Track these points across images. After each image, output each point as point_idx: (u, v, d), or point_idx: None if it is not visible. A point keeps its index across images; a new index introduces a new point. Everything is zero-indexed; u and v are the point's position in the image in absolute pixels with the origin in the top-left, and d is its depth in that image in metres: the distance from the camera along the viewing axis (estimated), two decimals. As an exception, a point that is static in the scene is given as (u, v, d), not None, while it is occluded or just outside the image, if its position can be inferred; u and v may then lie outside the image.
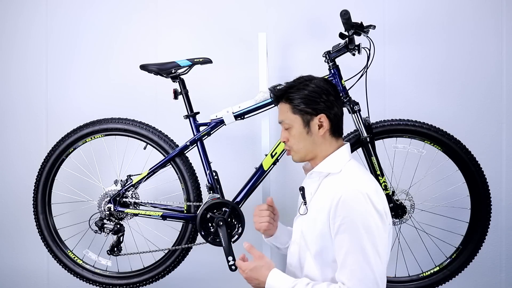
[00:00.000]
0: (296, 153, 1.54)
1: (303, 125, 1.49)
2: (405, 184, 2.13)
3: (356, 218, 1.34)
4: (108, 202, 2.10)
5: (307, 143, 1.50)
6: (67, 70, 2.59)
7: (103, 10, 2.58)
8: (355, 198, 1.36)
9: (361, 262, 1.32)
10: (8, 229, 2.62)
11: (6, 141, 2.62)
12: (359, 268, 1.32)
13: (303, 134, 1.50)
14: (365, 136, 1.97)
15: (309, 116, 1.48)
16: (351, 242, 1.34)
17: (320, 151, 1.51)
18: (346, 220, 1.35)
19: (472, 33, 2.44)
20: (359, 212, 1.35)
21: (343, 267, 1.35)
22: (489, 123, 2.43)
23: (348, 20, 1.90)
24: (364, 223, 1.34)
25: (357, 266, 1.32)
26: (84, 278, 2.21)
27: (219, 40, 2.52)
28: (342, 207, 1.36)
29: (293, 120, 1.51)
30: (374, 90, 2.22)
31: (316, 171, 1.51)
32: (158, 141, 2.14)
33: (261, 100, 2.05)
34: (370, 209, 1.36)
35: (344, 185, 1.40)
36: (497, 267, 2.45)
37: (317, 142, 1.50)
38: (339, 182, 1.44)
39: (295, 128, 1.51)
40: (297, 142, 1.51)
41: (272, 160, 2.02)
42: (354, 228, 1.34)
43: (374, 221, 1.35)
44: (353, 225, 1.34)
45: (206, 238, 2.03)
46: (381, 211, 1.38)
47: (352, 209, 1.35)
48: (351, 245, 1.34)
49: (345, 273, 1.34)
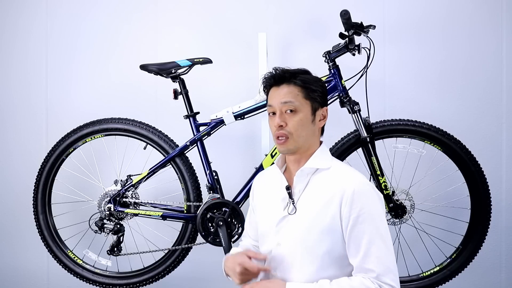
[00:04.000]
0: (295, 141, 1.44)
1: (311, 112, 1.46)
2: (405, 184, 2.13)
3: (373, 208, 1.38)
4: (108, 202, 2.10)
5: (309, 132, 1.46)
6: (67, 70, 2.60)
7: (103, 10, 2.58)
8: (368, 190, 1.40)
9: (384, 249, 1.36)
10: (8, 229, 2.62)
11: (6, 141, 2.62)
12: (384, 255, 1.36)
13: (309, 122, 1.45)
14: (365, 136, 1.97)
15: (317, 105, 1.47)
16: (371, 231, 1.37)
17: (313, 143, 1.48)
18: (364, 211, 1.37)
19: (472, 33, 2.44)
20: (373, 202, 1.39)
21: (368, 255, 1.36)
22: (489, 123, 2.43)
23: (348, 20, 1.90)
24: (379, 212, 1.39)
25: (382, 253, 1.36)
26: (84, 278, 2.21)
27: (219, 40, 2.52)
28: (358, 199, 1.37)
29: (303, 104, 1.45)
30: (374, 90, 2.22)
31: (307, 167, 1.46)
32: (158, 141, 2.14)
33: (261, 100, 2.05)
34: (377, 199, 1.41)
35: (351, 179, 1.42)
36: (497, 267, 2.45)
37: (315, 133, 1.49)
38: (339, 176, 1.43)
39: (302, 113, 1.44)
40: (300, 128, 1.44)
41: (272, 160, 2.02)
42: (373, 218, 1.37)
43: (383, 209, 1.43)
44: (371, 215, 1.37)
45: (206, 238, 2.03)
46: (383, 200, 1.46)
47: (369, 200, 1.38)
48: (372, 234, 1.37)
49: (371, 260, 1.36)
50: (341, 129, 2.09)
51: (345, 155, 2.04)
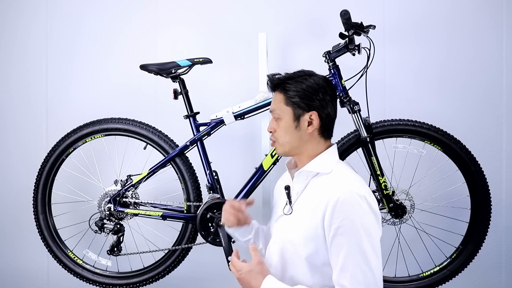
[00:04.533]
0: (281, 146, 1.49)
1: (293, 118, 1.45)
2: (405, 184, 2.12)
3: (355, 219, 1.32)
4: (108, 202, 2.10)
5: (294, 138, 1.46)
6: (67, 70, 2.60)
7: (103, 10, 2.58)
8: (353, 200, 1.34)
9: (362, 265, 1.31)
10: (8, 229, 2.62)
11: (6, 141, 2.62)
12: (360, 271, 1.30)
13: (291, 128, 1.46)
14: (365, 136, 1.97)
15: (300, 111, 1.45)
16: (350, 244, 1.32)
17: (306, 149, 1.47)
18: (345, 222, 1.32)
19: (472, 33, 2.44)
20: (358, 214, 1.33)
21: (344, 270, 1.32)
22: (489, 123, 2.43)
23: (348, 20, 1.90)
24: (363, 224, 1.32)
25: (358, 269, 1.30)
26: (84, 278, 2.21)
27: (219, 40, 2.52)
28: (340, 209, 1.33)
29: (284, 111, 1.46)
30: (374, 90, 2.22)
31: (305, 170, 1.46)
32: (158, 141, 2.14)
33: (261, 100, 2.05)
34: (368, 210, 1.34)
35: (340, 186, 1.37)
36: (497, 267, 2.45)
37: (303, 139, 1.46)
38: (332, 183, 1.40)
39: (284, 120, 1.47)
40: (283, 135, 1.47)
41: (272, 160, 2.03)
42: (354, 230, 1.32)
43: (371, 223, 1.34)
44: (353, 227, 1.32)
45: (206, 238, 2.03)
46: (377, 212, 1.37)
47: (351, 211, 1.33)
48: (350, 247, 1.31)
49: (346, 276, 1.31)
50: (341, 129, 2.08)
51: (345, 155, 2.04)
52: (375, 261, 1.32)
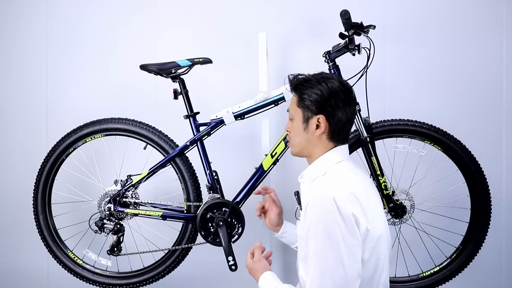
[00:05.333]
0: (293, 146, 1.55)
1: (303, 120, 1.49)
2: (405, 184, 2.12)
3: (319, 223, 1.32)
4: (108, 202, 2.10)
5: (303, 139, 1.50)
6: (67, 70, 2.59)
7: (103, 10, 2.58)
8: (319, 202, 1.33)
9: (320, 270, 1.31)
10: (8, 229, 2.62)
11: (6, 141, 2.62)
12: (319, 276, 1.31)
13: (301, 129, 1.50)
14: (365, 136, 1.97)
15: (310, 113, 1.47)
16: (314, 248, 1.33)
17: (315, 152, 1.50)
18: (312, 226, 1.33)
19: (472, 33, 2.44)
20: (323, 217, 1.32)
21: (308, 271, 1.35)
22: (489, 123, 2.44)
23: (348, 20, 1.90)
24: (326, 228, 1.31)
25: (316, 273, 1.31)
26: (84, 278, 2.21)
27: (219, 40, 2.52)
28: (309, 211, 1.35)
29: (296, 112, 1.51)
30: (374, 90, 2.22)
31: (305, 174, 1.52)
32: (158, 141, 2.14)
33: (261, 100, 2.05)
34: (335, 214, 1.31)
35: (316, 189, 1.38)
36: (497, 267, 2.45)
37: (312, 141, 1.49)
38: (317, 185, 1.42)
39: (295, 121, 1.51)
40: (294, 136, 1.53)
41: (272, 160, 2.02)
42: (317, 233, 1.32)
43: (338, 227, 1.30)
44: (316, 230, 1.32)
45: (206, 238, 2.03)
46: (348, 216, 1.31)
47: (316, 214, 1.33)
48: (314, 251, 1.33)
49: (308, 277, 1.34)
50: (341, 129, 2.09)
51: (345, 155, 2.04)
52: (337, 268, 1.30)
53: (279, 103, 2.06)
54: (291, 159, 2.42)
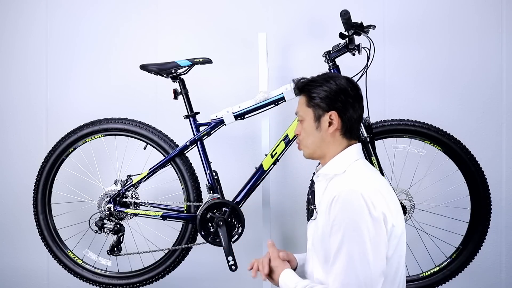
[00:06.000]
0: (305, 148, 1.51)
1: (314, 119, 1.47)
2: (405, 184, 2.12)
3: (346, 219, 1.31)
4: (108, 202, 2.10)
5: (316, 139, 1.47)
6: (67, 70, 2.60)
7: (103, 10, 2.58)
8: (347, 197, 1.32)
9: (345, 266, 1.29)
10: (8, 229, 2.62)
11: (6, 141, 2.62)
12: (343, 272, 1.29)
13: (313, 129, 1.47)
14: (365, 136, 1.97)
15: (321, 111, 1.46)
16: (339, 244, 1.31)
17: (329, 150, 1.47)
18: (337, 222, 1.31)
19: (472, 33, 2.44)
20: (350, 213, 1.31)
21: (331, 268, 1.33)
22: (489, 123, 2.44)
23: (348, 20, 1.90)
24: (354, 225, 1.29)
25: (341, 270, 1.30)
26: (84, 278, 2.21)
27: (219, 40, 2.52)
28: (334, 207, 1.33)
29: (306, 112, 1.49)
30: (374, 90, 2.22)
31: (322, 173, 1.48)
32: (158, 141, 2.14)
33: (261, 100, 2.05)
34: (363, 210, 1.30)
35: (342, 185, 1.36)
36: (497, 267, 2.45)
37: (325, 139, 1.47)
38: (339, 182, 1.40)
39: (306, 121, 1.49)
40: (306, 137, 1.50)
41: (272, 160, 2.02)
42: (344, 229, 1.30)
43: (365, 224, 1.29)
44: (343, 226, 1.30)
45: (206, 238, 2.03)
46: (377, 212, 1.31)
47: (344, 210, 1.31)
48: (339, 247, 1.31)
49: (331, 275, 1.32)
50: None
51: (345, 155, 2.04)
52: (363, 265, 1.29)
53: (279, 103, 2.06)
54: (291, 159, 2.42)
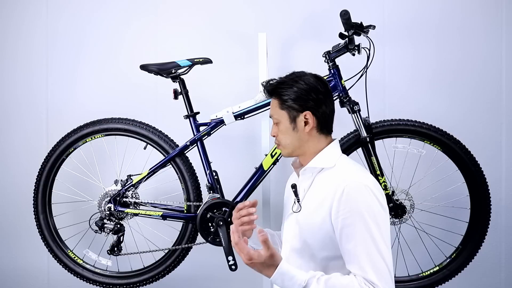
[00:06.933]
0: (284, 148, 1.54)
1: (289, 121, 1.50)
2: (405, 184, 2.13)
3: (362, 209, 1.34)
4: (108, 202, 2.10)
5: (294, 139, 1.50)
6: (67, 70, 2.60)
7: (103, 11, 2.58)
8: (358, 190, 1.36)
9: (372, 252, 1.32)
10: (8, 229, 2.62)
11: (6, 141, 2.62)
12: (371, 258, 1.32)
13: (290, 130, 1.50)
14: (365, 136, 1.97)
15: (295, 113, 1.48)
16: (360, 233, 1.33)
17: (308, 147, 1.51)
18: (353, 213, 1.34)
19: (472, 33, 2.44)
20: (365, 204, 1.35)
21: (354, 259, 1.34)
22: (489, 123, 2.44)
23: (348, 20, 1.90)
24: (370, 214, 1.34)
25: (369, 256, 1.32)
26: (84, 277, 2.21)
27: (219, 40, 2.52)
28: (346, 200, 1.35)
29: (280, 115, 1.51)
30: (374, 90, 2.22)
31: (309, 167, 1.50)
32: (158, 141, 2.14)
33: (261, 100, 2.05)
34: (375, 201, 1.36)
35: (345, 178, 1.39)
36: (497, 267, 2.45)
37: (303, 138, 1.50)
38: (337, 176, 1.43)
39: (282, 123, 1.51)
40: (284, 138, 1.52)
41: (272, 160, 2.03)
42: (362, 219, 1.33)
43: (379, 213, 1.35)
44: (360, 216, 1.33)
45: (206, 238, 2.03)
46: (383, 201, 1.39)
47: (358, 201, 1.35)
48: (360, 236, 1.33)
49: (357, 264, 1.33)
50: (341, 129, 2.08)
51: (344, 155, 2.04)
52: (385, 250, 1.33)
53: (279, 103, 2.06)
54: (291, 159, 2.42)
